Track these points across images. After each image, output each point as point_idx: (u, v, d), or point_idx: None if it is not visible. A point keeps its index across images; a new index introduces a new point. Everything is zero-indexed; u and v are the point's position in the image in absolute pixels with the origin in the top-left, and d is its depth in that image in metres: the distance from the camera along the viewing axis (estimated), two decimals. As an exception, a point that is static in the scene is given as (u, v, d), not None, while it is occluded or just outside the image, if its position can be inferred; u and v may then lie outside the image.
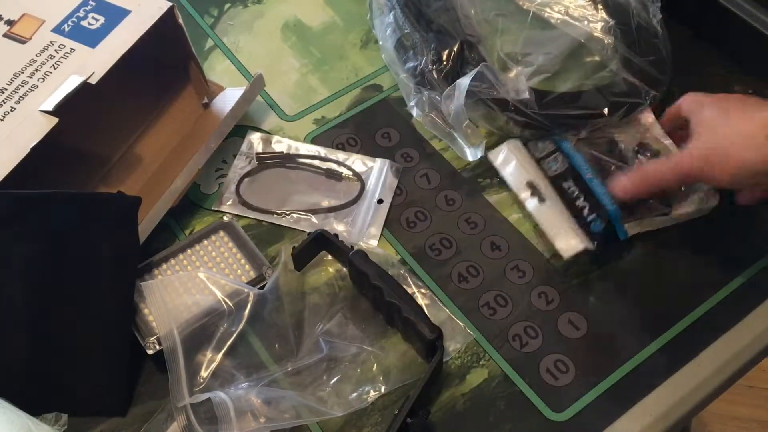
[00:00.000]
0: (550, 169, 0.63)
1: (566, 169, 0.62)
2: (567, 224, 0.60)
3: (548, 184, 0.62)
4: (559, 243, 0.60)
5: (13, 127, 0.56)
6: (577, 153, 0.62)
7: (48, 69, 0.59)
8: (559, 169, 0.63)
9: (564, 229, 0.60)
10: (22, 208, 0.52)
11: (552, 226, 0.61)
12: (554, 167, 0.63)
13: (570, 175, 0.62)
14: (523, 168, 0.63)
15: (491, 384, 0.55)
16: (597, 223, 0.59)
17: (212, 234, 0.60)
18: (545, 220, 0.61)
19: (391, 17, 0.68)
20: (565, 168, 0.62)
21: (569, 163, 0.62)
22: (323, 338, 0.56)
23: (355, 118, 0.70)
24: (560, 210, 0.61)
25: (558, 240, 0.60)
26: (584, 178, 0.61)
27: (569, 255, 0.59)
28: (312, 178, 0.66)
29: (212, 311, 0.55)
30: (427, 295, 0.59)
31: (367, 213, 0.63)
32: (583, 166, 0.62)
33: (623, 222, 0.60)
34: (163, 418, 0.53)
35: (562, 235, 0.60)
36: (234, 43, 0.75)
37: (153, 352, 0.54)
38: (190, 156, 0.63)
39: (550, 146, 0.64)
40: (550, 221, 0.61)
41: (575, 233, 0.60)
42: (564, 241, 0.60)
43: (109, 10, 0.62)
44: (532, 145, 0.64)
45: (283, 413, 0.52)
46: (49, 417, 0.51)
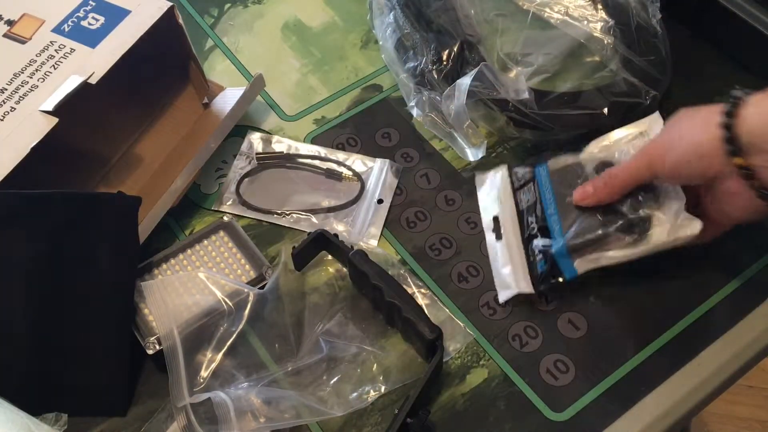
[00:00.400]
0: (521, 202, 0.61)
1: (533, 203, 0.59)
2: (510, 266, 0.58)
3: (515, 220, 0.60)
4: (497, 286, 0.58)
5: (13, 127, 0.56)
6: (549, 183, 0.59)
7: (48, 69, 0.59)
8: (529, 202, 0.60)
9: (505, 271, 0.59)
10: (22, 208, 0.52)
11: (496, 267, 0.59)
12: (525, 199, 0.60)
13: (534, 209, 0.59)
14: (497, 200, 0.62)
15: (491, 384, 0.55)
16: (541, 263, 0.56)
17: (212, 234, 0.60)
18: (495, 259, 0.60)
19: (391, 17, 0.68)
20: (534, 201, 0.59)
21: (536, 196, 0.59)
22: (323, 338, 0.56)
23: (355, 118, 0.70)
24: (514, 249, 0.59)
25: (496, 283, 0.59)
26: (546, 213, 0.58)
27: (502, 300, 0.58)
28: (312, 178, 0.66)
29: (212, 311, 0.55)
30: (427, 295, 0.59)
31: (367, 213, 0.63)
32: (548, 198, 0.58)
33: (574, 258, 0.55)
34: (163, 418, 0.53)
35: (501, 277, 0.59)
36: (234, 43, 0.75)
37: (153, 352, 0.54)
38: (190, 156, 0.63)
39: (528, 174, 0.61)
40: (498, 261, 0.60)
41: (514, 276, 0.58)
42: (499, 284, 0.58)
43: (109, 10, 0.62)
44: (515, 173, 0.62)
45: (283, 413, 0.52)
46: (49, 417, 0.51)
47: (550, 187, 0.59)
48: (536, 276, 0.57)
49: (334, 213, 0.63)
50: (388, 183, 0.65)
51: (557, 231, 0.56)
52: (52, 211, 0.53)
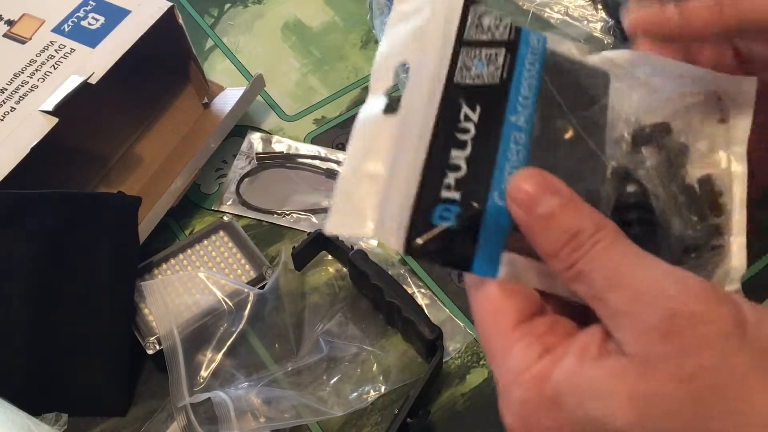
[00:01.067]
0: (465, 72, 0.32)
1: (491, 89, 0.32)
2: (383, 175, 0.30)
3: (436, 96, 0.32)
4: (333, 204, 0.30)
5: (13, 127, 0.56)
6: (538, 77, 0.33)
7: (48, 69, 0.59)
8: (481, 80, 0.32)
9: (365, 180, 0.30)
10: (22, 208, 0.52)
11: (352, 164, 0.30)
12: (477, 72, 0.32)
13: (485, 101, 0.32)
14: (417, 39, 0.32)
15: (491, 384, 0.55)
16: (447, 214, 0.30)
17: (212, 234, 0.60)
18: (358, 148, 0.31)
19: (391, 17, 0.68)
20: (493, 86, 0.32)
21: (501, 79, 0.32)
22: (323, 338, 0.56)
23: (355, 119, 0.69)
24: (409, 149, 0.31)
25: (334, 197, 0.30)
26: (506, 128, 0.31)
27: (329, 232, 0.30)
28: (312, 178, 0.66)
29: (212, 311, 0.55)
30: (427, 295, 0.59)
31: (367, 213, 0.63)
32: (524, 101, 0.32)
33: (508, 249, 0.31)
34: (163, 417, 0.53)
35: (349, 190, 0.30)
36: (234, 43, 0.75)
37: (153, 352, 0.54)
38: (190, 156, 0.63)
39: (502, 31, 0.33)
40: (361, 151, 0.31)
41: (381, 201, 0.30)
42: (339, 203, 0.30)
43: (109, 10, 0.62)
44: (479, 14, 0.33)
45: (283, 413, 0.52)
46: (49, 417, 0.51)
47: (536, 85, 0.33)
48: (421, 224, 0.30)
49: (334, 213, 0.63)
50: (388, 183, 0.65)
51: (509, 170, 0.30)
52: (52, 211, 0.53)
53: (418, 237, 0.30)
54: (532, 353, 0.29)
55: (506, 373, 0.30)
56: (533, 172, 0.30)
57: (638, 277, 0.28)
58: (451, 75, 0.32)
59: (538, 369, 0.29)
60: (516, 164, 0.31)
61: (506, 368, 0.30)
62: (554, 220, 0.29)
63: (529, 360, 0.29)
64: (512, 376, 0.29)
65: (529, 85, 0.33)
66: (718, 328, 0.27)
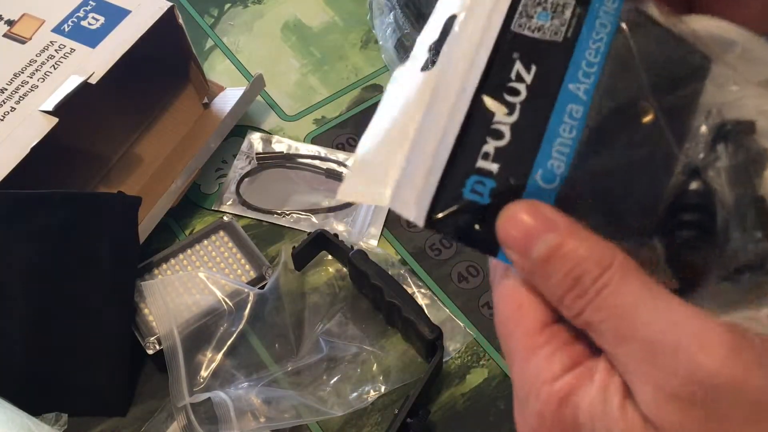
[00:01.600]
0: (523, 22, 0.28)
1: (551, 45, 0.27)
2: (411, 138, 0.26)
3: (485, 52, 0.27)
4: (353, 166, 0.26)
5: (13, 127, 0.56)
6: (608, 39, 0.27)
7: (48, 69, 0.59)
8: (537, 33, 0.28)
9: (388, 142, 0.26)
10: (22, 208, 0.52)
11: (380, 125, 0.27)
12: (535, 24, 0.28)
13: (545, 60, 0.27)
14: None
15: (491, 384, 0.55)
16: (482, 188, 0.26)
17: (212, 234, 0.60)
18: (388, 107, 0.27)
19: (391, 17, 0.68)
20: (553, 40, 0.27)
21: (565, 37, 0.27)
22: (323, 338, 0.56)
23: (355, 118, 0.70)
24: (443, 110, 0.27)
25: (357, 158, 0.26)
26: (561, 87, 0.27)
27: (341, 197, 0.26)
28: (312, 178, 0.66)
29: (212, 311, 0.55)
30: (427, 295, 0.59)
31: (367, 213, 0.63)
32: (584, 67, 0.27)
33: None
34: (163, 418, 0.53)
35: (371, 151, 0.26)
36: (234, 43, 0.75)
37: (153, 352, 0.54)
38: (190, 156, 0.63)
39: None
40: (390, 112, 0.27)
41: (405, 166, 0.26)
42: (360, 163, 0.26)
43: (109, 10, 0.62)
44: None
45: (283, 413, 0.52)
46: (49, 417, 0.51)
47: (605, 51, 0.27)
48: (450, 195, 0.26)
49: (334, 213, 0.63)
50: (388, 183, 0.65)
51: (557, 149, 0.26)
52: (52, 211, 0.53)
53: (443, 209, 0.26)
54: (558, 365, 0.26)
55: (526, 379, 0.27)
56: (523, 206, 0.26)
57: (652, 326, 0.24)
58: (507, 22, 0.27)
59: (561, 386, 0.26)
60: (567, 143, 0.26)
61: (527, 374, 0.27)
62: (552, 263, 0.25)
63: (554, 372, 0.26)
64: (532, 385, 0.26)
65: (597, 49, 0.27)
66: (746, 399, 0.23)
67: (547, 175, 0.26)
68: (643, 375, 0.24)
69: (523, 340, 0.27)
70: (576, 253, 0.25)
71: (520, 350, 0.27)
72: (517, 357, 0.27)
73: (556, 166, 0.26)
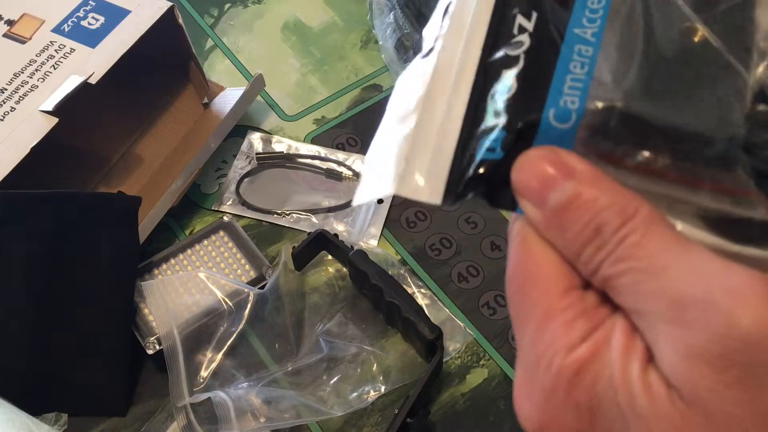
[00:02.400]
0: None
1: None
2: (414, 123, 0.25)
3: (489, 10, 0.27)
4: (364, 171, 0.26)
5: (13, 127, 0.56)
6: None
7: (48, 69, 0.59)
8: None
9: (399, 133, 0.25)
10: (22, 208, 0.52)
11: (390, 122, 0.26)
12: None
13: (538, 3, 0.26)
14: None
15: (491, 384, 0.55)
16: (495, 144, 0.24)
17: (212, 234, 0.60)
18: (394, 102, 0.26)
19: (391, 17, 0.68)
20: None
21: None
22: (323, 338, 0.56)
23: (355, 118, 0.70)
24: (447, 86, 0.26)
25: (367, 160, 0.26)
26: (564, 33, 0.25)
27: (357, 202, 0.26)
28: (312, 178, 0.66)
29: (212, 311, 0.55)
30: (427, 295, 0.59)
31: (367, 213, 0.63)
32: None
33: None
34: (163, 418, 0.53)
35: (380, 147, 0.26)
36: (234, 43, 0.75)
37: (153, 352, 0.54)
38: (190, 156, 0.63)
39: None
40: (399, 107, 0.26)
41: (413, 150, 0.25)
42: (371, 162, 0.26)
43: (109, 10, 0.62)
44: None
45: (283, 413, 0.52)
46: (49, 417, 0.51)
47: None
48: (465, 163, 0.25)
49: (334, 213, 0.63)
50: (388, 183, 0.65)
51: (569, 85, 0.25)
52: (52, 211, 0.53)
53: (459, 180, 0.25)
54: (577, 333, 0.23)
55: (536, 347, 0.24)
56: (537, 153, 0.24)
57: (680, 279, 0.22)
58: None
59: (578, 356, 0.23)
60: (580, 77, 0.24)
61: (539, 342, 0.24)
62: (570, 213, 0.23)
63: (571, 340, 0.23)
64: (543, 355, 0.23)
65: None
66: None
67: (561, 113, 0.24)
68: (669, 334, 0.22)
69: (542, 302, 0.24)
70: (596, 202, 0.23)
71: (535, 314, 0.24)
72: (531, 322, 0.24)
73: (569, 102, 0.24)
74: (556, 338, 0.23)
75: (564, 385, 0.23)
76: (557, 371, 0.23)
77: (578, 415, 0.23)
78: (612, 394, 0.23)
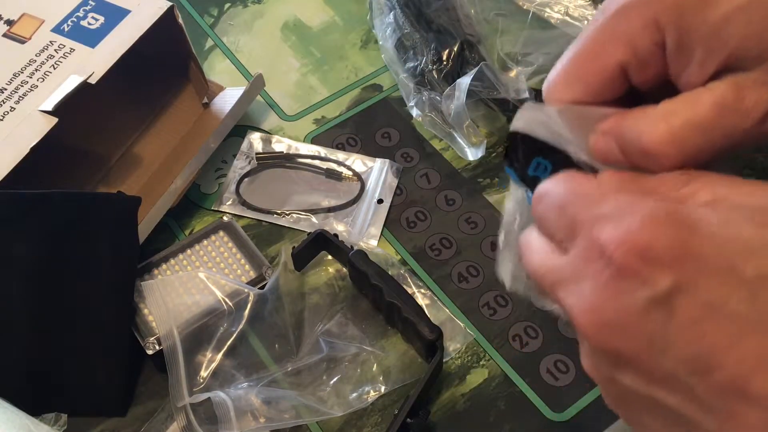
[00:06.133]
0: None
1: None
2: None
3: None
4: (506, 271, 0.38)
5: (13, 127, 0.56)
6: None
7: (48, 69, 0.59)
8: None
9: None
10: (22, 208, 0.52)
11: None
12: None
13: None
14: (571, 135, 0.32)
15: (491, 384, 0.55)
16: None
17: (212, 234, 0.60)
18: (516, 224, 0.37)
19: (391, 17, 0.68)
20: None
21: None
22: (323, 338, 0.56)
23: (355, 118, 0.70)
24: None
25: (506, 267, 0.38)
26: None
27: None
28: (312, 178, 0.66)
29: (212, 311, 0.55)
30: (427, 295, 0.59)
31: (367, 213, 0.63)
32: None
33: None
34: (163, 418, 0.53)
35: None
36: (234, 43, 0.75)
37: (153, 352, 0.54)
38: (190, 156, 0.63)
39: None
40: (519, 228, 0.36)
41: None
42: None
43: (109, 9, 0.62)
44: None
45: (283, 413, 0.52)
46: (49, 417, 0.51)
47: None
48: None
49: (334, 213, 0.63)
50: (388, 183, 0.65)
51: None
52: (52, 211, 0.53)
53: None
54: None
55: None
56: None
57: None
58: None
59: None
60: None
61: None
62: None
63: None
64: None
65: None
66: None
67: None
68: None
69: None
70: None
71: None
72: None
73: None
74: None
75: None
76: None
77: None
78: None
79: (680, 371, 0.25)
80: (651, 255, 0.25)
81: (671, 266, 0.25)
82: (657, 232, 0.25)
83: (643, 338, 0.26)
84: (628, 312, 0.26)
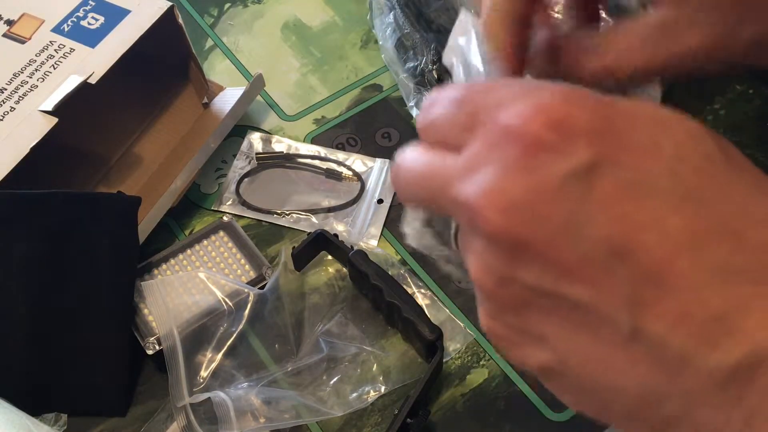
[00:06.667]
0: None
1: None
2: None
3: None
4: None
5: (13, 127, 0.56)
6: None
7: (48, 69, 0.59)
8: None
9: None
10: (22, 208, 0.52)
11: None
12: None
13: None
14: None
15: (491, 384, 0.55)
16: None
17: (212, 234, 0.60)
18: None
19: (391, 17, 0.68)
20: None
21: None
22: (323, 338, 0.56)
23: (355, 118, 0.70)
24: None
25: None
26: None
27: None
28: (312, 178, 0.66)
29: (212, 311, 0.55)
30: (427, 295, 0.59)
31: (367, 213, 0.63)
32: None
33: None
34: (163, 418, 0.53)
35: None
36: (234, 43, 0.75)
37: (153, 352, 0.54)
38: (190, 156, 0.63)
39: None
40: None
41: None
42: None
43: (109, 9, 0.62)
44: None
45: (283, 413, 0.52)
46: (49, 417, 0.51)
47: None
48: None
49: (334, 213, 0.63)
50: (388, 183, 0.65)
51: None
52: (52, 211, 0.53)
53: None
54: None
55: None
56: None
57: None
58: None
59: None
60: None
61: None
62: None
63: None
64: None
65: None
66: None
67: None
68: None
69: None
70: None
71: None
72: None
73: None
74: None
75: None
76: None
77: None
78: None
79: (598, 255, 0.22)
80: (568, 126, 0.23)
81: (591, 139, 0.23)
82: (575, 106, 0.24)
83: (557, 219, 0.23)
84: (542, 189, 0.23)
